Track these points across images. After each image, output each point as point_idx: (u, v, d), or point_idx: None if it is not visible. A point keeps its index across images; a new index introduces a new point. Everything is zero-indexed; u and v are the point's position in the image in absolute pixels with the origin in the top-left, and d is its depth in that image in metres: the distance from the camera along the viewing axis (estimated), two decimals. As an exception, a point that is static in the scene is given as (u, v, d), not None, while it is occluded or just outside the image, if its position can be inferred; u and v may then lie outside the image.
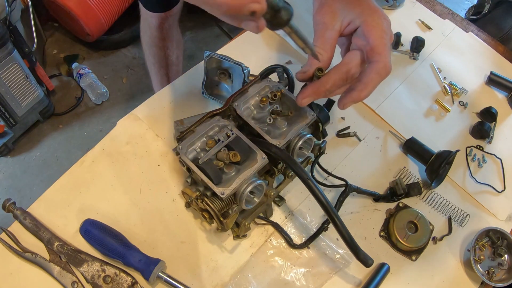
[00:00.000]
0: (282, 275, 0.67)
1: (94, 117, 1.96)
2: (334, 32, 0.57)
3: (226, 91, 0.83)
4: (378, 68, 0.55)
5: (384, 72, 0.55)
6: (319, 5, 0.59)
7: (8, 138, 1.77)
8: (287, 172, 0.68)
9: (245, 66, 0.76)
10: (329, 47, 0.57)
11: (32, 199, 0.69)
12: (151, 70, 1.48)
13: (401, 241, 0.71)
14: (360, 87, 0.56)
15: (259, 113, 0.67)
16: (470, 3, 2.42)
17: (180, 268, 0.66)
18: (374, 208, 0.76)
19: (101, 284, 0.62)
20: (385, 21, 0.56)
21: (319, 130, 0.70)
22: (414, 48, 0.94)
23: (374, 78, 0.55)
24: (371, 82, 0.55)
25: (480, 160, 0.84)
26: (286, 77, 0.72)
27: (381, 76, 0.55)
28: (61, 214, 0.68)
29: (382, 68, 0.55)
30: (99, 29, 2.00)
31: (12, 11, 1.58)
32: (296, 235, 0.71)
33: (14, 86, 1.62)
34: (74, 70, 1.99)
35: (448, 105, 0.89)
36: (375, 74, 0.55)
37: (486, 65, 0.97)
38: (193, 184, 0.63)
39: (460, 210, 0.77)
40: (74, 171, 0.73)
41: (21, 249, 0.64)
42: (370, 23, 0.56)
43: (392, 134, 0.84)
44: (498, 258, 0.72)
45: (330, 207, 0.59)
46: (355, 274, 0.69)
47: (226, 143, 0.61)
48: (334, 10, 0.58)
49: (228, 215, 0.61)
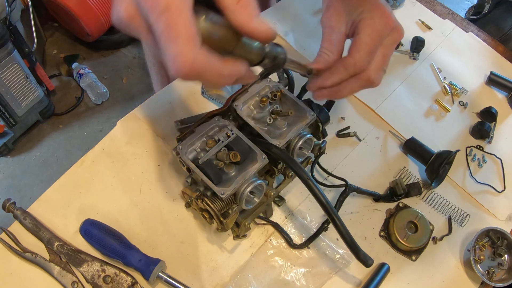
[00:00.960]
0: (282, 275, 0.67)
1: (94, 117, 1.96)
2: (340, 34, 0.58)
3: (226, 91, 0.83)
4: (346, 63, 0.55)
5: (352, 69, 0.55)
6: (326, 7, 0.59)
7: (8, 138, 1.77)
8: (287, 172, 0.68)
9: (245, 66, 0.76)
10: (335, 49, 0.57)
11: (32, 199, 0.69)
12: (151, 70, 1.48)
13: (401, 241, 0.71)
14: (325, 76, 0.57)
15: (259, 113, 0.67)
16: (470, 3, 2.42)
17: (180, 268, 0.66)
18: (374, 208, 0.76)
19: (101, 284, 0.62)
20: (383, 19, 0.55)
21: (319, 130, 0.70)
22: (414, 48, 0.94)
23: (340, 71, 0.55)
24: (336, 73, 0.56)
25: (480, 160, 0.84)
26: (286, 77, 0.72)
27: (348, 71, 0.55)
28: (61, 214, 0.68)
29: (350, 64, 0.55)
30: (99, 29, 2.00)
31: (12, 11, 1.58)
32: (296, 235, 0.71)
33: (14, 86, 1.62)
34: (74, 70, 1.99)
35: (448, 105, 0.89)
36: (342, 67, 0.55)
37: (486, 65, 0.97)
38: (193, 184, 0.63)
39: (460, 210, 0.77)
40: (74, 171, 0.73)
41: (21, 249, 0.64)
42: (365, 21, 0.55)
43: (392, 134, 0.84)
44: (498, 258, 0.72)
45: (330, 207, 0.59)
46: (355, 274, 0.69)
47: (226, 143, 0.61)
48: (340, 12, 0.58)
49: (228, 215, 0.61)
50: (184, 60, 0.34)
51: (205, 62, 0.35)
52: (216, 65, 0.36)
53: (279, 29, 0.93)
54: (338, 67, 0.56)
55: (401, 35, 0.58)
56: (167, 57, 0.35)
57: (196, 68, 0.35)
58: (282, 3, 0.99)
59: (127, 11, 0.37)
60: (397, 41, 0.58)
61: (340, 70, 0.56)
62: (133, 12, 0.37)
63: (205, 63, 0.35)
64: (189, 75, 0.35)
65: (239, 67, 0.39)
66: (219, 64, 0.37)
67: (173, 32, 0.34)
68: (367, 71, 0.56)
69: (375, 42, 0.55)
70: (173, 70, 0.35)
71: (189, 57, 0.34)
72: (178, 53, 0.34)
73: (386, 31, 0.56)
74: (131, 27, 0.38)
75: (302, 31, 0.94)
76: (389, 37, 0.57)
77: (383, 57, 0.57)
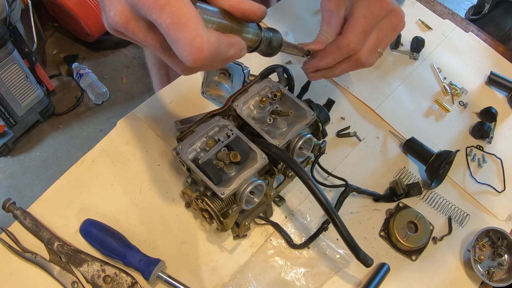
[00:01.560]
0: (282, 275, 0.67)
1: (94, 117, 1.96)
2: (339, 18, 0.58)
3: (226, 91, 0.83)
4: (339, 43, 0.55)
5: (345, 50, 0.55)
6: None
7: (8, 138, 1.77)
8: (287, 172, 0.68)
9: (245, 66, 0.76)
10: (334, 33, 0.58)
11: (32, 199, 0.69)
12: (151, 70, 1.48)
13: (401, 241, 0.71)
14: (320, 56, 0.57)
15: (259, 113, 0.67)
16: (470, 3, 2.42)
17: (180, 268, 0.66)
18: (374, 208, 0.76)
19: (101, 284, 0.62)
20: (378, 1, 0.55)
21: (319, 130, 0.70)
22: (414, 48, 0.94)
23: (333, 51, 0.56)
24: (330, 53, 0.56)
25: (480, 160, 0.84)
26: (286, 77, 0.72)
27: (341, 52, 0.56)
28: (61, 214, 0.68)
29: (343, 45, 0.55)
30: (99, 29, 2.00)
31: (12, 11, 1.58)
32: (296, 235, 0.71)
33: (14, 86, 1.62)
34: (74, 70, 1.99)
35: (448, 105, 0.89)
36: (335, 47, 0.56)
37: (486, 65, 0.97)
38: (193, 184, 0.63)
39: (460, 210, 0.77)
40: (74, 171, 0.73)
41: (21, 249, 0.64)
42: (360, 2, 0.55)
43: (392, 134, 0.84)
44: (498, 258, 0.72)
45: (330, 207, 0.59)
46: (355, 274, 0.69)
47: (226, 143, 0.61)
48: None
49: (228, 215, 0.61)
50: (200, 42, 0.35)
51: (216, 39, 0.36)
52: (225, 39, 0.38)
53: (279, 29, 0.93)
54: (332, 48, 0.56)
55: (400, 19, 0.58)
56: (181, 47, 0.35)
57: (213, 47, 0.36)
58: (282, 3, 0.99)
59: (122, 15, 0.37)
60: (395, 24, 0.58)
61: (333, 50, 0.56)
62: (128, 16, 0.37)
63: (217, 40, 0.36)
64: (208, 57, 0.36)
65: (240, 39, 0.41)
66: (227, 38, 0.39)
67: (182, 20, 0.34)
68: (359, 52, 0.56)
69: (370, 23, 0.55)
70: (190, 56, 0.35)
71: (204, 39, 0.35)
72: (192, 38, 0.34)
73: (381, 13, 0.56)
74: (128, 31, 0.39)
75: (302, 31, 0.94)
76: (386, 20, 0.57)
77: (377, 39, 0.57)
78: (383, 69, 0.92)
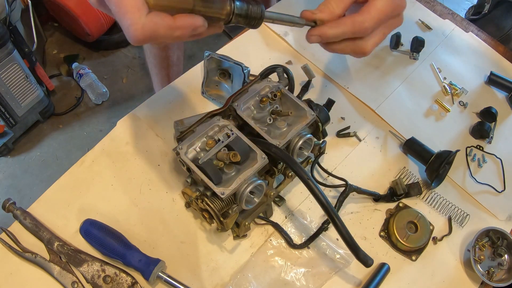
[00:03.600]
0: (282, 275, 0.67)
1: (94, 117, 1.96)
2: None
3: (226, 91, 0.83)
4: (355, 19, 0.54)
5: (358, 27, 0.54)
6: None
7: (8, 138, 1.77)
8: (287, 172, 0.68)
9: (245, 66, 0.76)
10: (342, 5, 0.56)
11: (32, 199, 0.69)
12: (151, 71, 1.48)
13: (401, 241, 0.71)
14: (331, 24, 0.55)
15: (259, 113, 0.67)
16: (470, 3, 2.42)
17: (180, 268, 0.66)
18: (374, 208, 0.76)
19: (101, 284, 0.62)
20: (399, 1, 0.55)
21: (319, 130, 0.70)
22: (414, 48, 0.94)
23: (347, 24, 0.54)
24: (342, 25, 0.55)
25: (480, 160, 0.84)
26: (286, 77, 0.72)
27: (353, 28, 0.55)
28: (61, 214, 0.68)
29: (358, 21, 0.54)
30: (99, 29, 2.00)
31: (12, 11, 1.58)
32: (296, 235, 0.71)
33: (14, 86, 1.62)
34: (74, 70, 1.99)
35: (448, 105, 0.89)
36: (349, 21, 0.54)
37: (486, 65, 0.97)
38: (193, 184, 0.63)
39: (460, 210, 0.77)
40: (74, 171, 0.73)
41: (21, 249, 0.64)
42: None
43: (392, 134, 0.84)
44: (498, 258, 0.72)
45: (330, 207, 0.59)
46: (355, 274, 0.69)
47: (226, 143, 0.61)
48: None
49: (228, 215, 0.61)
50: (135, 29, 0.41)
51: (153, 24, 0.41)
52: (166, 22, 0.42)
53: (279, 29, 0.93)
54: (346, 20, 0.55)
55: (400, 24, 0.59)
56: (124, 30, 0.42)
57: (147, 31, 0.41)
58: (282, 3, 0.99)
59: None
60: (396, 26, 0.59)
61: (347, 23, 0.54)
62: None
63: (153, 25, 0.42)
64: (143, 40, 0.42)
65: (191, 19, 0.44)
66: (169, 21, 0.43)
67: (122, 9, 0.41)
68: (365, 39, 0.56)
69: (386, 14, 0.55)
70: (129, 39, 0.42)
71: (138, 26, 0.41)
72: (129, 25, 0.41)
73: (398, 10, 0.56)
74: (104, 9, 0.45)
75: (302, 31, 0.94)
76: (395, 19, 0.58)
77: (383, 35, 0.57)
78: (383, 69, 0.92)
